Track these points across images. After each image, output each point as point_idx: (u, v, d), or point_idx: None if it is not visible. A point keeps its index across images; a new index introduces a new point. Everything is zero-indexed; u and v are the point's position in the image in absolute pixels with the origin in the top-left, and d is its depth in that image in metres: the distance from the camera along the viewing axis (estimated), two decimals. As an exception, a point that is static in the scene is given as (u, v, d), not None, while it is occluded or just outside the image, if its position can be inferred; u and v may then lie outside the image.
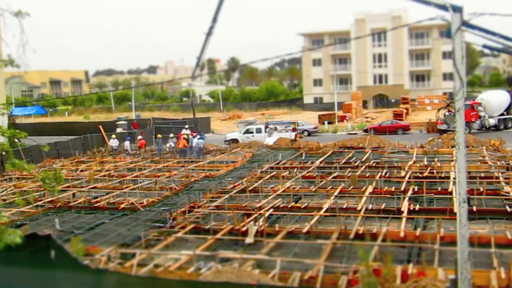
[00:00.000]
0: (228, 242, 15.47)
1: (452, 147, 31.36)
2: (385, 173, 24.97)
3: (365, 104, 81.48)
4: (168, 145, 38.36)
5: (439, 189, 21.34)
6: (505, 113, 48.59)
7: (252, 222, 16.57)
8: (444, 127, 46.41)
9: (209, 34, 9.32)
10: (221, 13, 9.18)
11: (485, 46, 9.23)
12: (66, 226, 18.16)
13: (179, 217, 18.15)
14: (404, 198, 19.17)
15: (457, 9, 8.44)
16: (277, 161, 31.12)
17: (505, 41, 8.69)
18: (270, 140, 41.39)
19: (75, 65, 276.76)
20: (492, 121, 47.73)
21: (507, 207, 17.65)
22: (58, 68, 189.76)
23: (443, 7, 8.45)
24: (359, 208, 18.28)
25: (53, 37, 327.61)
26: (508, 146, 33.68)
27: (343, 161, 30.15)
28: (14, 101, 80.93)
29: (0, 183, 27.22)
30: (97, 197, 22.62)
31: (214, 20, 9.13)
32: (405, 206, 18.01)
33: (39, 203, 21.27)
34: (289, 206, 19.18)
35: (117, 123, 56.63)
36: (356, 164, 28.60)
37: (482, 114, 47.33)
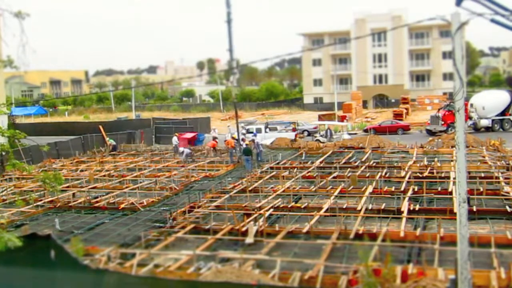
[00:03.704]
0: (228, 242, 15.47)
1: (452, 147, 31.37)
2: (385, 173, 24.97)
3: (365, 104, 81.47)
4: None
5: (439, 189, 21.33)
6: (507, 113, 47.52)
7: (252, 222, 16.57)
8: (431, 127, 46.30)
9: (229, 21, 9.17)
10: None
11: (493, 21, 9.04)
12: (66, 226, 18.16)
13: (179, 217, 18.15)
14: (404, 198, 19.17)
15: None
16: (277, 161, 31.12)
17: None
18: (268, 140, 41.35)
19: (75, 65, 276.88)
20: (484, 122, 46.81)
21: (507, 207, 17.65)
22: (58, 68, 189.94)
23: None
24: (359, 208, 18.28)
25: (53, 37, 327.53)
26: (508, 146, 33.68)
27: (343, 161, 30.14)
28: (14, 101, 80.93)
29: (0, 183, 27.21)
30: (97, 197, 22.62)
31: (228, 4, 8.96)
32: (405, 206, 18.01)
33: (39, 203, 21.27)
34: (289, 206, 19.18)
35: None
36: (356, 164, 28.59)
37: (473, 115, 46.55)
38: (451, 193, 19.86)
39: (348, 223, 16.19)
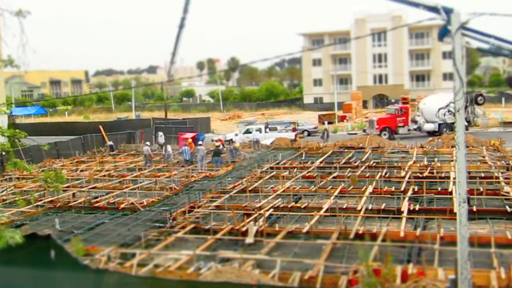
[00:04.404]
0: (228, 242, 15.48)
1: (452, 147, 31.37)
2: (385, 173, 24.97)
3: (365, 104, 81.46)
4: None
5: (439, 189, 21.34)
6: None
7: (252, 222, 16.58)
8: (369, 131, 45.17)
9: (181, 26, 9.19)
10: (192, 3, 9.01)
11: (479, 49, 9.24)
12: (66, 226, 18.16)
13: (179, 217, 18.16)
14: (404, 198, 19.18)
15: (448, 11, 8.37)
16: (277, 161, 31.12)
17: (500, 43, 8.67)
18: (268, 141, 41.41)
19: (75, 65, 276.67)
20: (429, 126, 44.82)
21: (507, 207, 17.66)
22: (58, 68, 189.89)
23: (434, 9, 8.39)
24: (359, 208, 18.28)
25: (53, 37, 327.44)
26: (508, 146, 33.68)
27: (343, 161, 30.15)
28: (14, 101, 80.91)
29: (0, 183, 27.22)
30: (97, 197, 22.62)
31: (185, 10, 9.00)
32: (405, 206, 18.01)
33: (39, 203, 21.27)
34: (289, 206, 19.19)
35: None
36: (356, 164, 28.60)
37: (418, 119, 45.67)
38: (451, 193, 19.86)
39: (348, 223, 16.19)
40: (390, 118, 45.97)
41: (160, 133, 43.69)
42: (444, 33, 8.58)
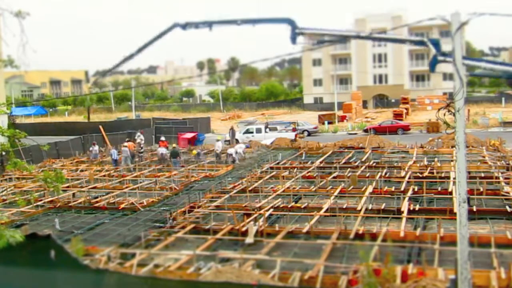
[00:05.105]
0: (228, 242, 15.48)
1: (452, 147, 31.36)
2: (385, 173, 24.97)
3: (365, 104, 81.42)
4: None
5: (439, 189, 21.34)
6: None
7: (252, 222, 16.58)
8: None
9: (127, 58, 9.79)
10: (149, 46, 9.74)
11: (473, 75, 9.55)
12: (66, 226, 18.17)
13: (179, 217, 18.16)
14: (404, 198, 19.18)
15: (435, 42, 8.77)
16: (277, 161, 31.12)
17: (492, 66, 8.90)
18: (268, 140, 41.37)
19: (75, 65, 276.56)
20: None
21: (507, 207, 17.66)
22: (58, 68, 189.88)
23: (421, 43, 8.91)
24: (359, 208, 18.28)
25: (53, 37, 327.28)
26: (508, 146, 33.67)
27: (343, 161, 30.14)
28: (14, 101, 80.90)
29: (0, 183, 27.21)
30: (97, 197, 22.63)
31: (139, 50, 9.65)
32: (405, 206, 18.01)
33: (39, 203, 21.27)
34: (289, 206, 19.19)
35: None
36: (356, 164, 28.60)
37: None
38: (451, 193, 19.86)
39: (348, 223, 16.19)
40: None
41: (138, 133, 40.67)
42: (434, 63, 8.84)
